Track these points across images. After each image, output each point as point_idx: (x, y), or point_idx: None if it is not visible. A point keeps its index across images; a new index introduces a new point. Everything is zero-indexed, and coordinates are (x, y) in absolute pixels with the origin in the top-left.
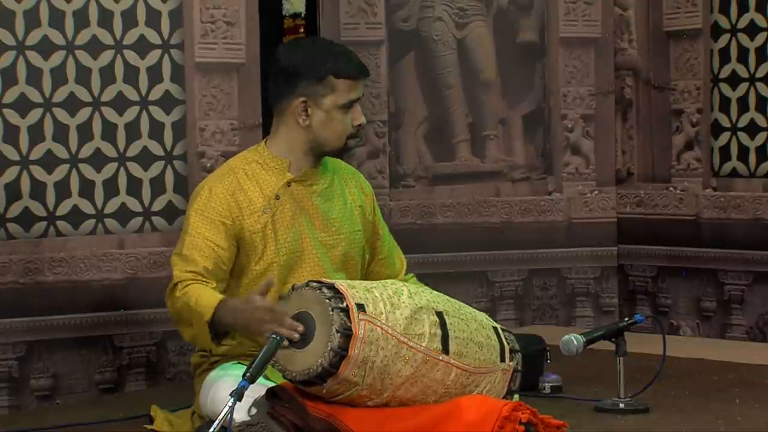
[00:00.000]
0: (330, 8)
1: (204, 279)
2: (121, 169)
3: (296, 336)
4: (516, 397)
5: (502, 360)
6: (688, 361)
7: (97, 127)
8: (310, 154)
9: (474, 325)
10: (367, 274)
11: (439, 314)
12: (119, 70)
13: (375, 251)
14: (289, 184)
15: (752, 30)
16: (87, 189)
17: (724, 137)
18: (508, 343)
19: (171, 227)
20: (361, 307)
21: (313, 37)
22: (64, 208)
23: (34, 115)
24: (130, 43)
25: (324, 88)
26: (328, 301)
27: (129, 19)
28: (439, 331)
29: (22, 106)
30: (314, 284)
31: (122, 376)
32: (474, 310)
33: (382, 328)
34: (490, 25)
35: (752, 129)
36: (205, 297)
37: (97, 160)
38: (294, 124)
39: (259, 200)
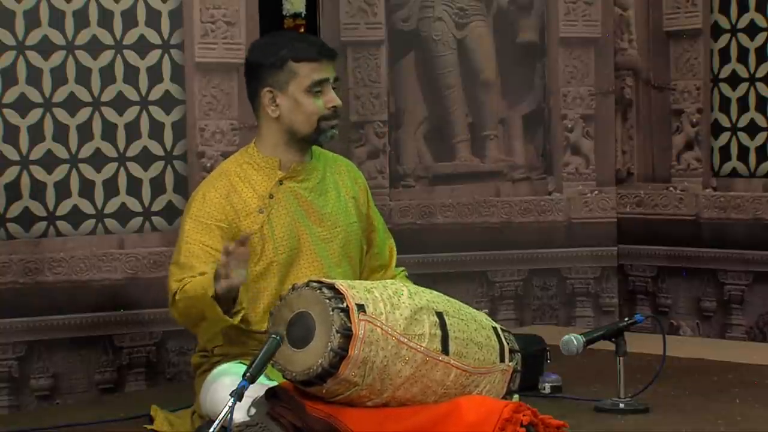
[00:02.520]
0: (330, 8)
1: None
2: (121, 169)
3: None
4: (515, 397)
5: (502, 360)
6: (688, 361)
7: (97, 127)
8: (292, 146)
9: (474, 325)
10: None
11: (439, 314)
12: (119, 70)
13: (370, 243)
14: (281, 182)
15: (752, 30)
16: (87, 189)
17: (724, 137)
18: (508, 344)
19: (171, 227)
20: (361, 308)
21: (276, 31)
22: (64, 208)
23: (34, 115)
24: (130, 43)
25: (285, 75)
26: (328, 301)
27: (129, 19)
28: (438, 332)
29: (22, 106)
30: (314, 284)
31: (122, 376)
32: (474, 310)
33: (382, 329)
34: (490, 25)
35: (752, 129)
36: (199, 281)
37: (97, 160)
38: (267, 117)
39: (254, 201)
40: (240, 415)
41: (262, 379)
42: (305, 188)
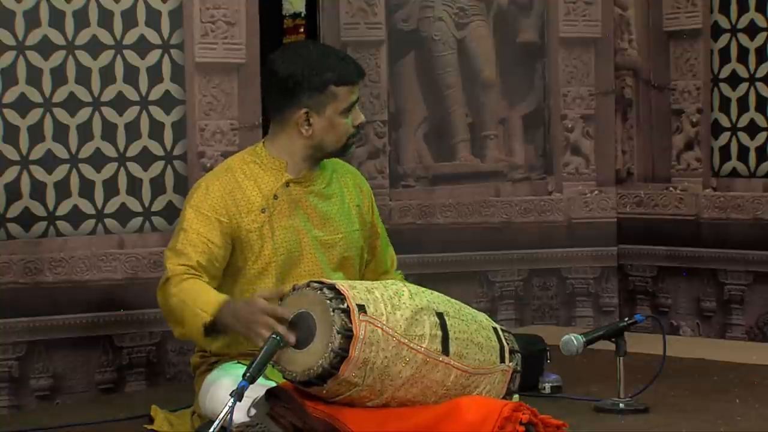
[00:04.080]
0: (330, 8)
1: (197, 273)
2: (121, 169)
3: (291, 341)
4: (516, 397)
5: (502, 360)
6: (688, 361)
7: (97, 127)
8: (310, 159)
9: (474, 326)
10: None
11: (440, 315)
12: (119, 70)
13: (373, 250)
14: (287, 184)
15: (752, 30)
16: (87, 189)
17: (724, 137)
18: (508, 344)
19: (171, 227)
20: (361, 308)
21: (308, 44)
22: (64, 208)
23: (34, 115)
24: (130, 43)
25: (326, 98)
26: (328, 301)
27: (129, 19)
28: (439, 332)
29: (22, 106)
30: (315, 285)
31: (122, 376)
32: (474, 310)
33: (382, 329)
34: (490, 25)
35: (752, 129)
36: (204, 296)
37: (97, 160)
38: (296, 133)
39: (257, 199)
40: (240, 415)
41: (261, 379)
42: (310, 192)
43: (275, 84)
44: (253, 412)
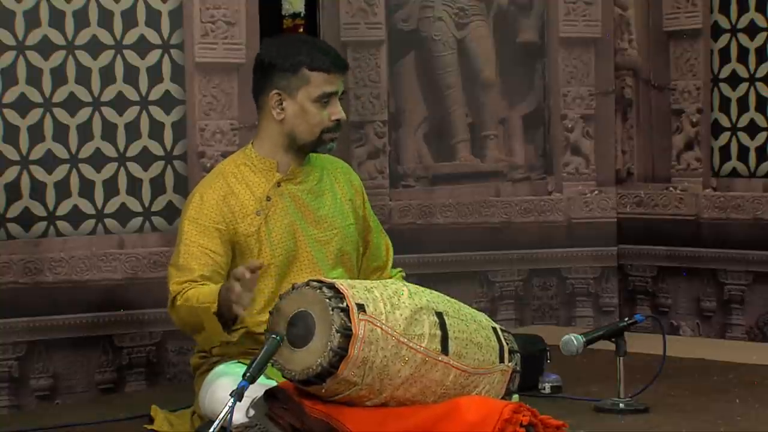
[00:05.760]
0: (330, 8)
1: (200, 284)
2: (121, 169)
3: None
4: (515, 397)
5: (501, 360)
6: (688, 361)
7: (97, 127)
8: (290, 150)
9: (473, 325)
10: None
11: (439, 315)
12: (119, 70)
13: (367, 244)
14: (278, 184)
15: (752, 30)
16: (87, 189)
17: (724, 137)
18: (507, 344)
19: (171, 227)
20: (361, 307)
21: (297, 35)
22: (64, 208)
23: (34, 115)
24: (130, 43)
25: (297, 80)
26: (328, 300)
27: (129, 19)
28: (438, 332)
29: (22, 106)
30: (314, 284)
31: (122, 376)
32: (473, 310)
33: (382, 329)
34: (490, 25)
35: (752, 129)
36: (204, 292)
37: (97, 160)
38: (271, 119)
39: (251, 203)
40: (239, 415)
41: (261, 379)
42: (302, 190)
43: (255, 68)
44: (252, 412)
